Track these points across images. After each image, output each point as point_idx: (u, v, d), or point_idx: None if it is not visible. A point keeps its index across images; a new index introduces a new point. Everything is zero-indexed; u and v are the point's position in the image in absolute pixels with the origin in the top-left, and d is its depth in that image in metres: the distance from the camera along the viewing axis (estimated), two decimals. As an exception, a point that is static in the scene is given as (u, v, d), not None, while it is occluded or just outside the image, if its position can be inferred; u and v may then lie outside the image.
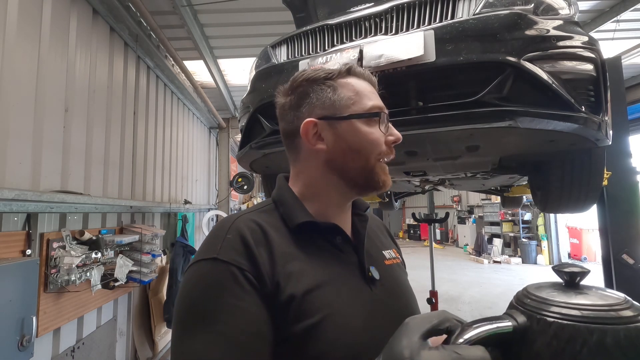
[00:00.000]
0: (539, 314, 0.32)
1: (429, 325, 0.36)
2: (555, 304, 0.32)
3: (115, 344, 2.76)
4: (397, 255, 0.75)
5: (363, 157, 0.62)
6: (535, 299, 0.34)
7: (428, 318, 0.36)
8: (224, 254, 0.52)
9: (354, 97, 0.64)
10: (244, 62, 4.03)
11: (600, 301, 0.31)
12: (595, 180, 1.56)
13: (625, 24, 3.57)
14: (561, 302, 0.32)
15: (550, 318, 0.31)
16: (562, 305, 0.32)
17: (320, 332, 0.51)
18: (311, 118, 0.63)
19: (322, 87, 0.64)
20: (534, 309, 0.33)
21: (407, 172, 1.98)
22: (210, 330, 0.47)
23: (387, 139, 0.64)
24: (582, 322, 0.30)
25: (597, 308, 0.31)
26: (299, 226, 0.60)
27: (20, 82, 1.81)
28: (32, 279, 1.77)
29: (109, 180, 2.65)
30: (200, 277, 0.52)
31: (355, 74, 0.66)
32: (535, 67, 1.11)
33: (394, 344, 0.35)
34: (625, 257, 2.21)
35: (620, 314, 0.30)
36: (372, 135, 0.62)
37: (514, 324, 0.33)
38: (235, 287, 0.50)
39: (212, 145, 6.14)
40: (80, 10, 2.34)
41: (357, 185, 0.64)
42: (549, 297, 0.33)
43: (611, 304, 0.31)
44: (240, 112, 1.74)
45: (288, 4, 2.35)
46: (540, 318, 0.32)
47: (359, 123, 0.62)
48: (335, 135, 0.63)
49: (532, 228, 10.21)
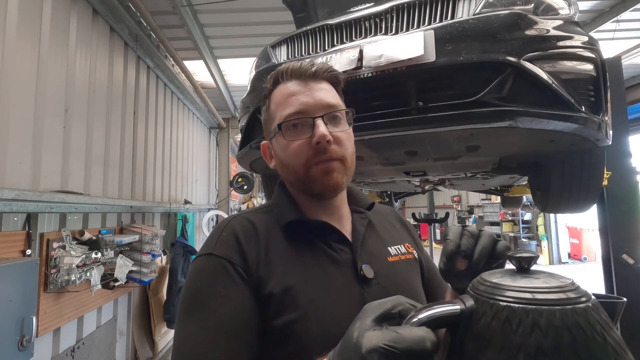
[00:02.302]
0: (484, 297, 0.34)
1: (382, 310, 0.36)
2: (499, 287, 0.33)
3: (115, 344, 2.76)
4: (410, 249, 0.71)
5: (292, 169, 0.62)
6: (485, 283, 0.35)
7: (383, 303, 0.37)
8: (218, 249, 0.58)
9: (275, 110, 0.65)
10: (244, 62, 4.03)
11: (542, 284, 0.32)
12: (595, 180, 1.56)
13: (625, 24, 3.57)
14: (505, 285, 0.33)
15: (492, 300, 0.33)
16: (505, 288, 0.33)
17: (300, 328, 0.53)
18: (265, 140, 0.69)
19: (265, 106, 0.68)
20: (482, 293, 0.34)
21: (407, 172, 1.98)
22: (201, 316, 0.53)
23: (311, 141, 0.59)
24: (519, 304, 0.31)
25: (537, 290, 0.32)
26: (289, 224, 0.62)
27: (20, 82, 1.81)
28: (32, 279, 1.77)
29: (109, 180, 2.65)
30: (197, 270, 0.58)
31: (283, 80, 0.64)
32: (535, 67, 1.11)
33: (350, 327, 0.37)
34: (625, 257, 2.20)
35: (559, 297, 0.31)
36: (291, 147, 0.61)
37: (461, 307, 0.34)
38: (225, 278, 0.55)
39: (212, 145, 6.14)
40: (80, 10, 2.34)
41: (307, 193, 0.64)
42: (498, 281, 0.34)
43: (552, 287, 0.32)
44: (240, 112, 1.74)
45: (288, 4, 2.35)
46: (484, 301, 0.33)
47: (281, 138, 0.62)
48: (274, 153, 0.66)
49: (532, 228, 10.22)
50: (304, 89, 0.62)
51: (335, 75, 0.66)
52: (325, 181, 0.60)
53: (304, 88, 0.62)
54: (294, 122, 0.61)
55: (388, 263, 0.66)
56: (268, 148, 0.69)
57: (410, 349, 0.31)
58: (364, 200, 0.73)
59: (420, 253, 0.75)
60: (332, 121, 0.61)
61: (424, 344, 0.31)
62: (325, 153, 0.59)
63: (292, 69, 0.63)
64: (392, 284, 0.63)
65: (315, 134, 0.58)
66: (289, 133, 0.61)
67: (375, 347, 0.32)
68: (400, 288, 0.63)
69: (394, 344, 0.32)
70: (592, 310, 0.30)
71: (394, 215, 0.80)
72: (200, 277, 0.57)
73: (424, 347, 0.31)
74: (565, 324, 0.29)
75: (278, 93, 0.64)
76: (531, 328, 0.29)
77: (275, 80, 0.65)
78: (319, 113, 0.60)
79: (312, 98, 0.61)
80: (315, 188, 0.61)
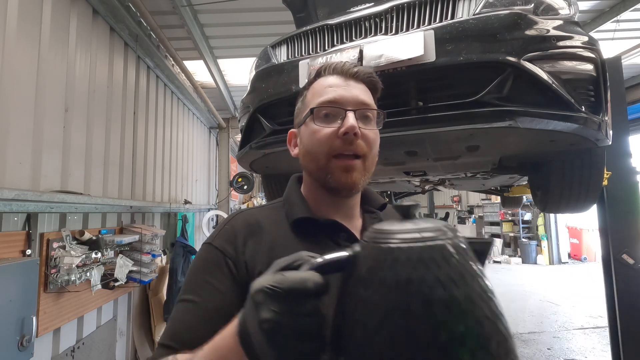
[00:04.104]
0: (367, 241, 0.37)
1: (284, 263, 0.39)
2: (381, 232, 0.36)
3: (115, 344, 2.76)
4: None
5: (315, 157, 0.63)
6: (371, 231, 0.38)
7: (287, 258, 0.40)
8: (217, 240, 0.62)
9: (310, 98, 0.66)
10: (244, 62, 4.03)
11: (413, 227, 0.35)
12: (595, 180, 1.56)
13: (625, 24, 3.56)
14: (385, 230, 0.36)
15: (371, 243, 0.36)
16: (384, 233, 0.36)
17: None
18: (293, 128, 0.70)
19: (302, 97, 0.69)
20: (367, 239, 0.37)
21: (407, 172, 1.98)
22: (188, 299, 0.57)
23: (339, 131, 0.60)
24: (388, 244, 0.34)
25: (406, 231, 0.35)
26: (297, 221, 0.63)
27: (21, 82, 1.81)
28: (32, 279, 1.77)
29: (109, 180, 2.65)
30: (197, 257, 0.63)
31: (325, 74, 0.66)
32: (535, 67, 1.11)
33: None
34: (625, 257, 2.20)
35: (423, 236, 0.34)
36: (320, 133, 0.62)
37: (349, 253, 0.38)
38: (215, 269, 0.58)
39: (212, 145, 6.14)
40: (80, 10, 2.34)
41: (323, 185, 0.64)
42: (380, 228, 0.37)
43: (419, 228, 0.35)
44: (240, 112, 1.74)
45: (288, 4, 2.35)
46: (366, 244, 0.37)
47: (311, 123, 0.63)
48: (300, 140, 0.68)
49: (532, 228, 10.21)
50: (343, 83, 0.64)
51: (374, 81, 0.67)
52: (343, 178, 0.61)
53: (343, 83, 0.64)
54: (326, 112, 0.62)
55: None
56: (295, 136, 0.70)
57: (292, 288, 0.34)
58: (376, 200, 0.72)
59: None
60: (363, 119, 0.63)
61: (305, 284, 0.34)
62: (351, 145, 0.60)
63: (336, 66, 0.66)
64: None
65: (344, 124, 0.60)
66: (320, 120, 0.63)
67: (262, 287, 0.35)
68: None
69: (277, 284, 0.34)
70: (448, 246, 0.33)
71: None
72: (197, 263, 0.61)
73: (305, 286, 0.34)
74: (421, 258, 0.32)
75: (317, 85, 0.66)
76: (393, 264, 0.33)
77: (318, 73, 0.67)
78: (352, 107, 0.62)
79: (349, 92, 0.63)
80: (332, 182, 0.61)
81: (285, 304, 0.34)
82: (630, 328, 2.17)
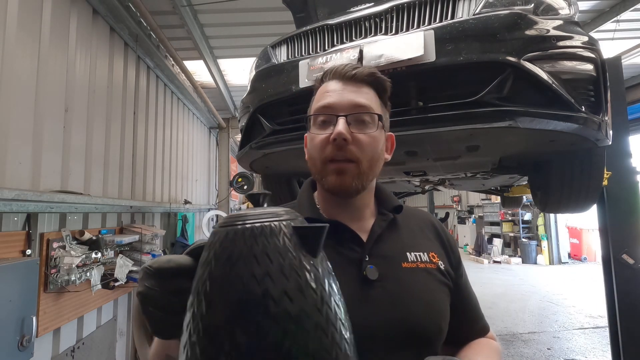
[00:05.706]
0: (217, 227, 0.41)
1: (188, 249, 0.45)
2: (228, 217, 0.41)
3: (115, 344, 2.76)
4: (435, 259, 0.67)
5: (314, 162, 0.66)
6: (225, 217, 0.42)
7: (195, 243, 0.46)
8: None
9: (313, 105, 0.68)
10: (244, 62, 4.03)
11: (251, 212, 0.40)
12: (595, 180, 1.56)
13: (625, 24, 3.56)
14: (231, 215, 0.41)
15: (217, 227, 0.40)
16: (229, 217, 0.41)
17: None
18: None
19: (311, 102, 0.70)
20: (219, 224, 0.42)
21: (407, 172, 1.98)
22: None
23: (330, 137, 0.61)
24: (222, 226, 0.39)
25: (244, 215, 0.39)
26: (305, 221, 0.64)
27: (20, 82, 1.80)
28: (32, 279, 1.77)
29: (109, 180, 2.65)
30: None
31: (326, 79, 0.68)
32: (535, 67, 1.11)
33: None
34: (625, 257, 2.20)
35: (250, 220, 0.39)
36: (317, 139, 0.64)
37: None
38: None
39: (212, 145, 6.14)
40: (80, 10, 2.34)
41: (323, 187, 0.67)
42: (232, 214, 0.41)
43: (253, 214, 0.40)
44: (240, 112, 1.74)
45: (288, 4, 2.35)
46: (216, 229, 0.41)
47: (312, 128, 0.66)
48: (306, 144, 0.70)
49: (532, 228, 10.21)
50: (340, 88, 0.65)
51: (378, 79, 0.66)
52: (336, 181, 0.62)
53: (340, 88, 0.65)
54: (322, 118, 0.64)
55: (401, 268, 0.64)
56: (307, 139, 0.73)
57: (159, 267, 0.41)
58: (388, 202, 0.72)
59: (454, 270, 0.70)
60: (358, 123, 0.63)
61: (167, 264, 0.41)
62: (341, 151, 0.61)
63: (335, 70, 0.66)
64: (399, 289, 0.61)
65: (334, 130, 0.61)
66: (317, 126, 0.65)
67: (143, 266, 0.42)
68: (407, 294, 0.61)
69: (151, 264, 0.41)
70: (265, 229, 0.38)
71: (430, 223, 0.75)
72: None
73: (167, 265, 0.41)
74: (233, 239, 0.37)
75: (319, 90, 0.68)
76: (220, 244, 0.38)
77: (322, 78, 0.69)
78: (345, 112, 0.62)
79: (343, 97, 0.63)
80: (327, 184, 0.64)
81: (154, 280, 0.41)
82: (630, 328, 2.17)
